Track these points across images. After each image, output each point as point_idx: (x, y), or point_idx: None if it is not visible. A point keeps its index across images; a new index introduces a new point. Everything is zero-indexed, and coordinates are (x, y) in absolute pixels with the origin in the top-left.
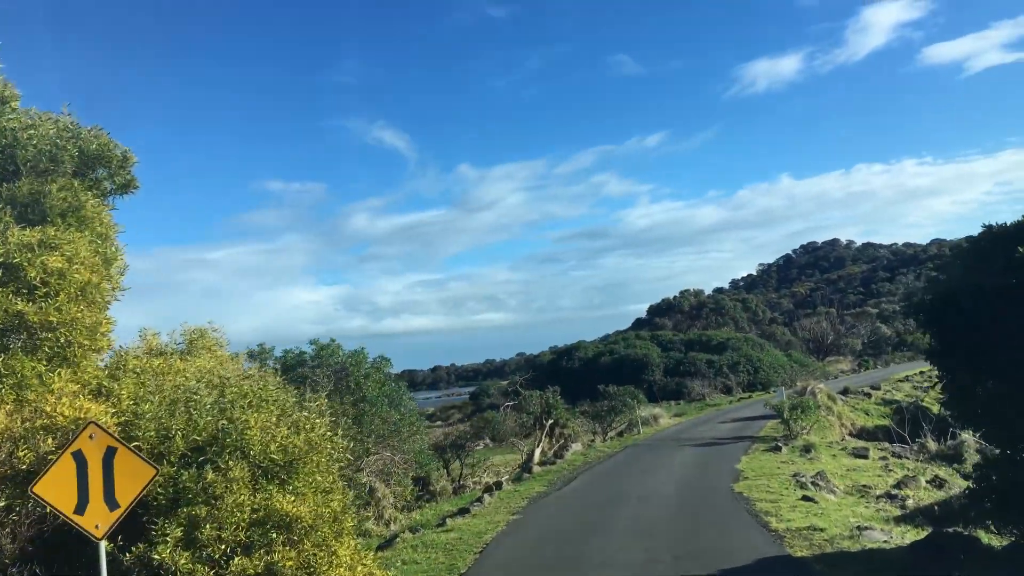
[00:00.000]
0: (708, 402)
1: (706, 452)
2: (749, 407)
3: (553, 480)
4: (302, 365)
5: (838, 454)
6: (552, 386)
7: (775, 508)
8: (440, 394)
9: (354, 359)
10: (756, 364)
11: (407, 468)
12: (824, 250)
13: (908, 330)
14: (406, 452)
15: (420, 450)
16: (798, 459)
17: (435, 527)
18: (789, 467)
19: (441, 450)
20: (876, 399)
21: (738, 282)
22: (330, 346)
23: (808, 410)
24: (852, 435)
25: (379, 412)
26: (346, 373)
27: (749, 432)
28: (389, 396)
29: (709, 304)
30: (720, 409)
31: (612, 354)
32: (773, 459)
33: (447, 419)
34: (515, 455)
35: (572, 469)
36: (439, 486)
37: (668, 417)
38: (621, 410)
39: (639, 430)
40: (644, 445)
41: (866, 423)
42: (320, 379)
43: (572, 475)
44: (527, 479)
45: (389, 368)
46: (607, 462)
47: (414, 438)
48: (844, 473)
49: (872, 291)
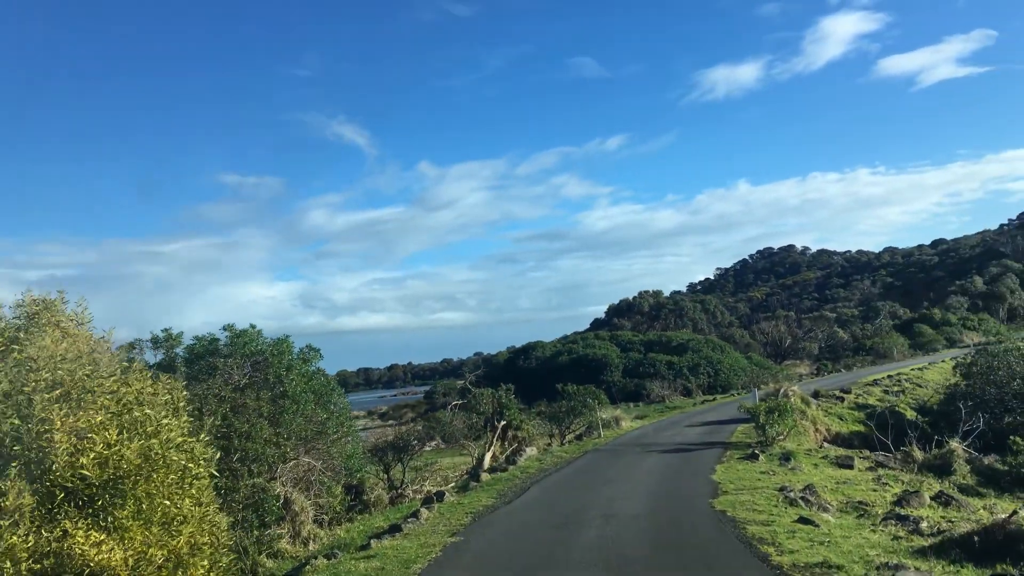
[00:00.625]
0: (668, 404)
1: (676, 459)
2: (715, 410)
3: (503, 491)
4: (213, 354)
5: (820, 463)
6: (505, 384)
7: (770, 533)
8: (395, 392)
9: (276, 348)
10: (716, 366)
11: (336, 475)
12: (780, 256)
13: (866, 335)
14: (334, 456)
15: (351, 454)
16: (778, 469)
17: (357, 550)
18: (771, 478)
19: (381, 453)
20: (849, 403)
21: (695, 286)
22: (247, 333)
23: (785, 414)
24: (827, 441)
25: (303, 410)
26: (266, 364)
27: (719, 437)
28: (317, 392)
29: (668, 305)
30: (684, 412)
31: (570, 354)
32: (751, 469)
33: (400, 418)
34: (466, 458)
35: (526, 477)
36: (374, 495)
37: (630, 420)
38: (581, 411)
39: (600, 433)
40: (606, 450)
41: (841, 428)
42: (233, 370)
43: (525, 485)
44: (474, 488)
45: (318, 361)
46: (565, 469)
47: (345, 440)
48: (834, 487)
49: (826, 296)
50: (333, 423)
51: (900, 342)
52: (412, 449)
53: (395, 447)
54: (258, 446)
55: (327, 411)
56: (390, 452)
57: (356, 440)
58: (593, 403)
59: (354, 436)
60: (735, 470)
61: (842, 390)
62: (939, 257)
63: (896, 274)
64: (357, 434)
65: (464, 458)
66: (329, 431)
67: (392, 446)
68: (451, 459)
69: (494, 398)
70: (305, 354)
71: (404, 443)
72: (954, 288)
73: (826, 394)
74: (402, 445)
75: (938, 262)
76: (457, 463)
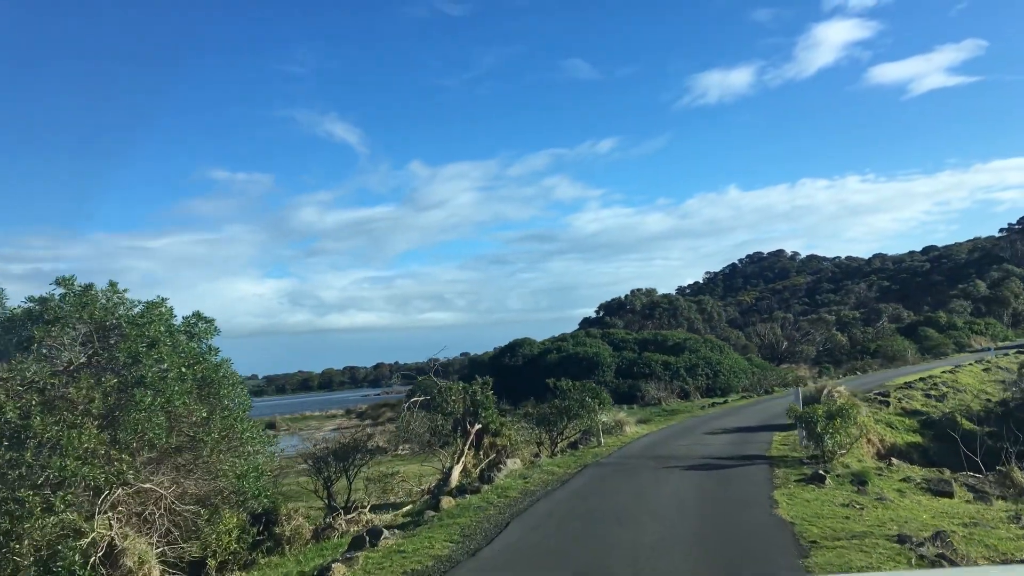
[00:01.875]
0: (666, 407)
1: (710, 481)
2: (731, 414)
3: (469, 529)
4: (38, 320)
5: (904, 488)
6: (481, 376)
7: None
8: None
9: (141, 317)
10: (716, 367)
11: (225, 499)
12: (769, 260)
13: (868, 338)
14: (223, 474)
15: (244, 472)
16: (861, 499)
17: None
18: (864, 516)
19: (319, 464)
20: (895, 408)
21: (684, 289)
22: (90, 292)
23: (848, 420)
24: (882, 455)
25: (169, 406)
26: (120, 336)
27: (754, 448)
28: (205, 380)
29: (662, 304)
30: (694, 416)
31: (560, 352)
32: (825, 499)
33: (377, 417)
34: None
35: (504, 505)
36: (291, 526)
37: (633, 424)
38: (577, 413)
39: (600, 441)
40: (611, 465)
41: (895, 439)
42: (65, 345)
43: (502, 519)
44: (429, 522)
45: (212, 337)
46: (559, 493)
47: (242, 450)
48: (965, 533)
49: (817, 301)
50: (217, 425)
51: (906, 346)
52: (359, 460)
53: (338, 455)
54: (70, 461)
55: (209, 407)
56: (333, 462)
57: (265, 448)
58: (592, 403)
59: (259, 442)
60: (804, 501)
61: (880, 393)
62: (931, 263)
63: (891, 278)
64: (261, 441)
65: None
66: (206, 438)
67: (335, 454)
68: (419, 466)
69: (466, 394)
70: (191, 326)
71: (350, 450)
72: (956, 292)
73: (864, 397)
74: (345, 454)
75: (931, 268)
76: (424, 472)
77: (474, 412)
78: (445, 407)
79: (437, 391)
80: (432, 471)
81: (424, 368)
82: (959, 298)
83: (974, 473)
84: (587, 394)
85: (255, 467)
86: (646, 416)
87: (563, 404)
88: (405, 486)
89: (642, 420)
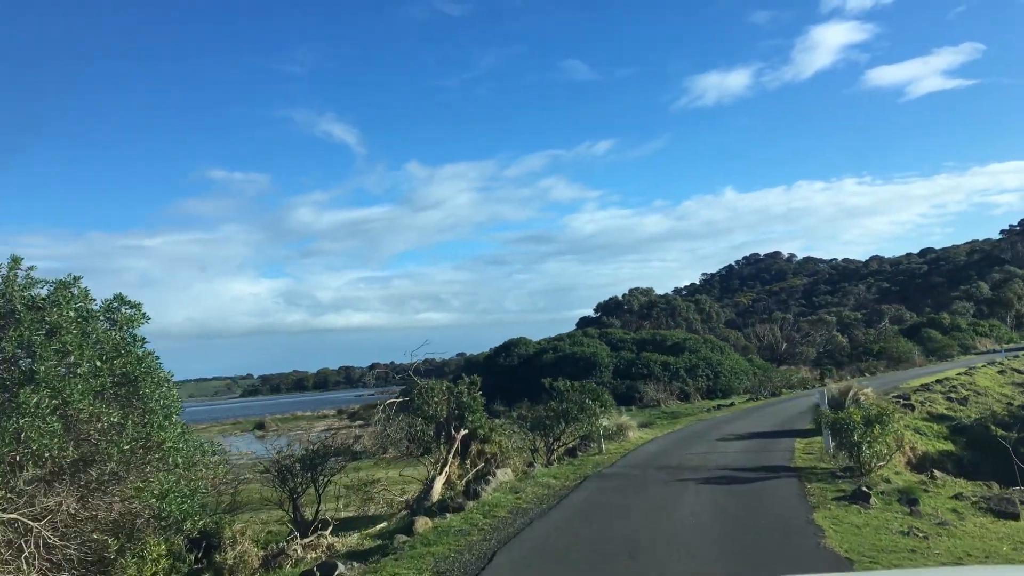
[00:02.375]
0: (666, 409)
1: (733, 499)
2: (742, 418)
3: (445, 563)
4: None
5: (959, 508)
6: (468, 375)
7: None
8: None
9: (47, 300)
10: (716, 368)
11: (146, 523)
12: (766, 262)
13: (870, 339)
14: (141, 494)
15: (166, 491)
16: (917, 523)
17: None
18: (930, 548)
19: (284, 473)
20: (920, 413)
21: (681, 290)
22: None
23: (887, 427)
24: (914, 465)
25: (63, 407)
26: (13, 323)
27: (775, 458)
28: (127, 377)
29: (660, 304)
30: (701, 420)
31: (556, 351)
32: (875, 523)
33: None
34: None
35: (490, 529)
36: (235, 552)
37: (636, 429)
38: (576, 417)
39: (601, 447)
40: (614, 476)
41: (927, 447)
42: None
43: (485, 550)
44: (399, 551)
45: (139, 325)
46: (555, 513)
47: (166, 463)
48: None
49: (814, 303)
50: (130, 433)
51: (911, 347)
52: (331, 467)
53: (305, 463)
54: None
55: (121, 410)
56: (300, 472)
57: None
58: (593, 406)
59: (182, 455)
60: (853, 527)
61: (900, 396)
62: (928, 265)
63: (890, 280)
64: (199, 451)
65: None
66: (111, 449)
67: (301, 461)
68: (404, 472)
69: (451, 395)
70: (113, 311)
71: (320, 456)
72: (958, 294)
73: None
74: (314, 462)
75: (928, 270)
76: (407, 479)
77: (460, 415)
78: (426, 410)
79: (417, 391)
80: (420, 476)
81: (402, 368)
82: (961, 300)
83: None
84: (587, 395)
85: (187, 483)
86: (647, 419)
87: (560, 406)
88: (387, 495)
89: (644, 424)
